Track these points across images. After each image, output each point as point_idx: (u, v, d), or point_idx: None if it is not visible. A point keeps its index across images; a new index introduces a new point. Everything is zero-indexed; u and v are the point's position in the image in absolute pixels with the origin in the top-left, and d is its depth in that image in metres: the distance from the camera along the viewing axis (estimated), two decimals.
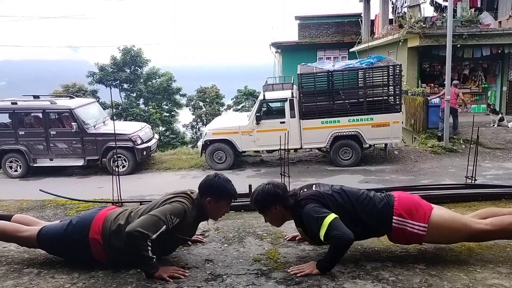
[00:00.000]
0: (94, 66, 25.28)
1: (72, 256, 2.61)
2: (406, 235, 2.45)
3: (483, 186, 4.38)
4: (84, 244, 2.49)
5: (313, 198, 2.49)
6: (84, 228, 2.53)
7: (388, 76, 10.53)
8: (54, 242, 2.58)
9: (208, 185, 2.56)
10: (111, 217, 2.56)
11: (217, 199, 2.56)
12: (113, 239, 2.47)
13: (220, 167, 10.70)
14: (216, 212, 2.62)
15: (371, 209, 2.47)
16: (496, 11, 15.36)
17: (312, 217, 2.38)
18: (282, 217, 2.61)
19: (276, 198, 2.53)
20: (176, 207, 2.45)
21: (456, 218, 2.47)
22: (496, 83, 15.27)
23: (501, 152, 10.58)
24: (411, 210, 2.44)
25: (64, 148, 11.02)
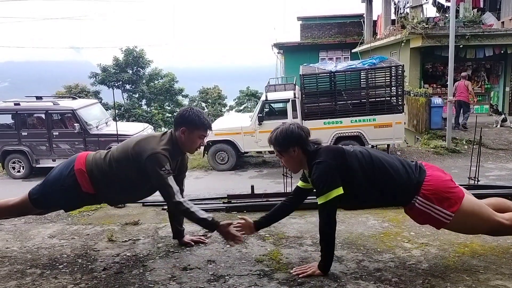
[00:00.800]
0: (97, 67, 25.32)
1: (63, 195, 2.69)
2: (427, 219, 2.35)
3: (486, 187, 4.37)
4: (70, 178, 2.65)
5: (332, 154, 2.37)
6: (68, 165, 2.72)
7: (390, 76, 10.52)
8: (45, 189, 2.74)
9: (180, 116, 2.64)
10: (93, 153, 2.79)
11: (191, 129, 2.61)
12: (94, 168, 2.65)
13: (223, 167, 10.71)
14: (190, 143, 2.66)
15: (394, 178, 2.33)
16: (499, 11, 15.31)
17: (321, 181, 2.29)
18: (299, 161, 2.46)
19: (298, 140, 2.40)
20: (158, 158, 2.52)
21: (484, 210, 2.34)
22: (499, 83, 15.23)
23: (504, 153, 10.54)
24: (442, 196, 2.29)
25: (66, 149, 11.04)
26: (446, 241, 2.82)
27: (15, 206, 2.78)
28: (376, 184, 2.35)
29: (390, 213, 3.41)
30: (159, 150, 2.53)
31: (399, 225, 3.18)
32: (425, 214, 2.33)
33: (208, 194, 6.36)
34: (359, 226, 3.21)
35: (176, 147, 2.64)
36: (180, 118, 2.63)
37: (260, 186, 8.22)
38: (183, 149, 2.69)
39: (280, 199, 4.02)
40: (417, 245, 2.78)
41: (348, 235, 3.01)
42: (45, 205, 2.81)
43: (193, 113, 2.62)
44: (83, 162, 2.69)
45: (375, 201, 2.50)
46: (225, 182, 9.51)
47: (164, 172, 2.50)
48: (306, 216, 3.49)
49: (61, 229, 3.39)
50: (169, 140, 2.62)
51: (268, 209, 3.82)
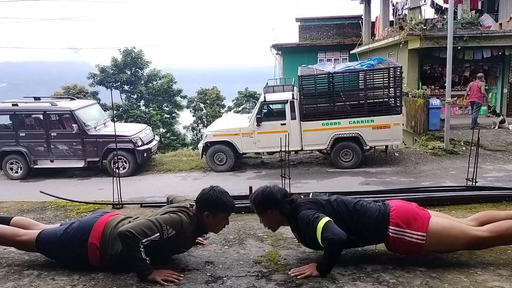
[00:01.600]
0: (95, 67, 25.32)
1: (68, 259, 2.59)
2: (405, 245, 2.44)
3: (483, 188, 4.38)
4: (82, 248, 2.50)
5: (309, 203, 2.54)
6: (84, 232, 2.53)
7: (388, 78, 10.54)
8: (53, 246, 2.58)
9: (204, 200, 2.54)
10: (112, 224, 2.56)
11: (215, 213, 2.53)
12: (110, 245, 2.47)
13: (221, 168, 10.70)
14: (215, 225, 2.60)
15: (367, 218, 2.47)
16: (496, 13, 15.37)
17: (307, 220, 2.41)
18: (278, 221, 2.64)
19: (273, 202, 2.55)
20: (173, 219, 2.44)
21: (455, 226, 2.46)
22: (497, 85, 15.27)
23: (502, 154, 10.56)
24: (409, 219, 2.43)
25: (64, 150, 11.02)
26: None
27: (21, 243, 2.67)
28: (355, 228, 2.46)
29: None
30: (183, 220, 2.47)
31: None
32: (401, 240, 2.43)
33: None
34: None
35: (200, 227, 2.59)
36: (203, 202, 2.53)
37: None
38: (208, 230, 2.66)
39: None
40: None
41: None
42: (48, 256, 2.71)
43: (216, 196, 2.53)
44: (99, 237, 2.51)
45: (355, 244, 2.59)
46: (223, 183, 9.40)
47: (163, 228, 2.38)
48: None
49: None
50: (193, 220, 2.55)
51: None
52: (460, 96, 15.37)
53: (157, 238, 2.36)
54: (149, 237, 2.33)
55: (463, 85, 15.41)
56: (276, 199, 2.55)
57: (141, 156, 10.92)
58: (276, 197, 2.55)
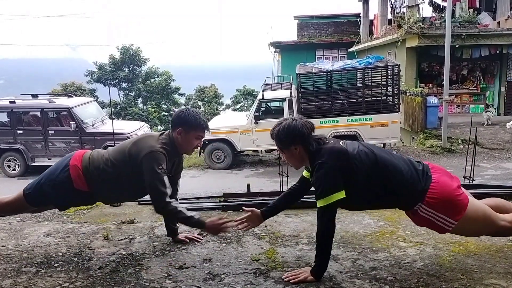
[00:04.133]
0: (93, 65, 25.26)
1: (57, 194, 2.68)
2: (430, 225, 2.30)
3: (481, 186, 4.39)
4: (64, 173, 2.65)
5: (336, 155, 2.24)
6: (64, 159, 2.74)
7: (386, 76, 10.55)
8: (39, 188, 2.71)
9: (177, 116, 2.64)
10: (90, 151, 2.79)
11: (187, 130, 2.61)
12: (90, 166, 2.64)
13: (219, 166, 10.70)
14: (186, 144, 2.66)
15: (398, 184, 2.24)
16: (494, 11, 15.39)
17: (322, 182, 2.20)
18: (301, 159, 2.37)
19: (300, 138, 2.30)
20: (155, 155, 2.52)
21: (487, 216, 2.28)
22: (495, 83, 15.32)
23: (499, 152, 10.60)
24: (445, 205, 2.21)
25: (62, 147, 11.00)
26: (441, 240, 2.83)
27: (9, 204, 2.77)
28: (380, 188, 2.26)
29: (386, 212, 3.42)
30: (158, 148, 2.53)
31: (395, 224, 3.19)
32: (428, 221, 2.28)
33: (204, 193, 6.35)
34: (355, 225, 3.22)
35: (174, 147, 2.64)
36: (177, 118, 2.63)
37: (256, 185, 8.22)
38: (180, 150, 2.69)
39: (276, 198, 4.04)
40: (412, 244, 2.79)
41: (344, 233, 3.01)
42: (38, 202, 2.78)
43: (189, 113, 2.62)
44: (79, 159, 2.69)
45: (377, 205, 2.45)
46: (221, 181, 9.51)
47: (160, 170, 2.49)
48: (302, 215, 3.50)
49: (56, 228, 3.39)
50: (167, 140, 2.62)
51: None
52: (458, 94, 15.42)
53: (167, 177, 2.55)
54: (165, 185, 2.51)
55: (461, 84, 15.47)
56: (302, 134, 2.29)
57: None
58: (302, 132, 2.29)
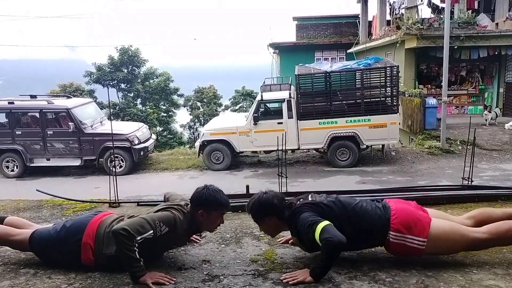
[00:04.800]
0: (92, 66, 25.26)
1: (61, 259, 2.56)
2: (405, 249, 2.41)
3: (479, 187, 4.39)
4: (75, 248, 2.47)
5: (308, 206, 2.47)
6: (78, 232, 2.50)
7: (385, 77, 10.56)
8: (46, 245, 2.55)
9: (197, 198, 2.52)
10: (106, 222, 2.53)
11: (209, 211, 2.51)
12: (105, 245, 2.45)
13: (218, 167, 10.70)
14: (209, 224, 2.58)
15: (367, 222, 2.43)
16: (493, 12, 15.42)
17: (307, 224, 2.34)
18: (276, 228, 2.58)
19: (271, 210, 2.49)
20: (166, 216, 2.44)
21: (455, 229, 2.43)
22: (493, 84, 15.34)
23: (498, 154, 10.62)
24: (409, 224, 2.39)
25: (61, 148, 11.00)
26: None
27: (14, 242, 2.64)
28: (353, 229, 2.41)
29: None
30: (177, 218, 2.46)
31: None
32: (401, 245, 2.40)
33: None
34: None
35: (194, 225, 2.57)
36: (197, 200, 2.51)
37: (255, 186, 8.20)
38: (202, 228, 2.64)
39: None
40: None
41: None
42: (41, 256, 2.67)
43: (210, 194, 2.50)
44: (93, 236, 2.48)
45: (355, 246, 2.56)
46: (220, 182, 9.50)
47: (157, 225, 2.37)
48: None
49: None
50: (190, 217, 2.54)
51: None
52: (457, 95, 15.44)
53: (151, 236, 2.34)
54: (143, 234, 2.31)
55: (460, 85, 15.49)
56: (273, 206, 2.48)
57: (137, 155, 10.91)
58: (273, 204, 2.48)
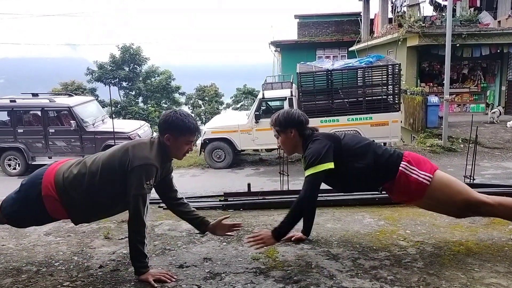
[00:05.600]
0: (93, 64, 25.26)
1: (32, 220, 2.52)
2: (409, 184, 2.49)
3: (481, 186, 4.38)
4: (39, 204, 2.36)
5: (327, 136, 2.63)
6: (34, 185, 2.39)
7: (387, 75, 10.56)
8: (13, 210, 2.45)
9: (164, 121, 2.39)
10: (63, 169, 2.42)
11: (175, 136, 2.38)
12: (69, 190, 2.34)
13: (219, 165, 10.71)
14: (177, 150, 2.44)
15: (382, 154, 2.57)
16: (495, 10, 15.37)
17: (314, 153, 2.49)
18: (294, 143, 2.69)
19: (297, 122, 2.64)
20: (147, 169, 2.30)
21: (460, 182, 2.58)
22: (495, 82, 15.30)
23: (500, 152, 10.59)
24: (419, 161, 2.55)
25: (62, 146, 11.02)
26: (441, 239, 2.83)
27: None
28: (371, 158, 2.55)
29: (386, 211, 3.43)
30: (152, 161, 2.31)
31: (395, 223, 3.19)
32: (408, 177, 2.49)
33: (204, 192, 6.35)
34: (355, 224, 3.22)
35: (165, 154, 2.44)
36: (164, 124, 2.39)
37: (256, 184, 8.22)
38: (170, 155, 2.48)
39: (276, 197, 4.05)
40: (412, 243, 2.79)
41: (344, 233, 3.01)
42: (14, 223, 2.60)
43: (176, 117, 2.38)
44: (52, 186, 2.34)
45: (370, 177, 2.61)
46: (221, 180, 9.52)
47: (147, 186, 2.30)
48: None
49: (57, 227, 3.38)
50: (158, 147, 2.40)
51: (265, 208, 3.85)
52: (459, 93, 15.41)
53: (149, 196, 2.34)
54: (145, 204, 2.29)
55: (462, 83, 15.46)
56: (299, 120, 2.64)
57: None
58: (300, 119, 2.65)
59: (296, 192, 4.06)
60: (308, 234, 2.91)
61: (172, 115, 2.40)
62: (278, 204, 3.86)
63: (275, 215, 3.53)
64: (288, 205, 3.82)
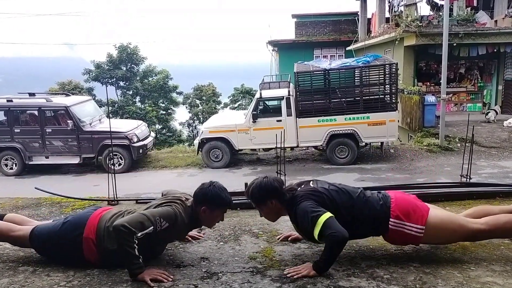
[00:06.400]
0: (90, 63, 25.20)
1: (63, 255, 2.57)
2: (403, 237, 2.45)
3: (477, 185, 4.40)
4: (77, 243, 2.47)
5: (310, 194, 2.46)
6: (78, 227, 2.51)
7: (384, 74, 10.57)
8: (47, 241, 2.56)
9: (203, 194, 2.51)
10: (106, 217, 2.54)
11: (212, 208, 2.51)
12: (106, 239, 2.44)
13: (217, 165, 10.70)
14: (211, 220, 2.60)
15: (369, 210, 2.45)
16: (492, 10, 15.39)
17: (307, 215, 2.34)
18: (277, 212, 2.58)
19: (273, 193, 2.50)
20: (167, 211, 2.43)
21: (453, 219, 2.47)
22: (492, 82, 15.34)
23: (496, 151, 10.63)
24: (409, 212, 2.42)
25: (59, 146, 10.99)
26: None
27: (15, 238, 2.64)
28: (354, 218, 2.44)
29: None
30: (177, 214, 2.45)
31: None
32: (400, 233, 2.43)
33: None
34: None
35: (194, 220, 2.57)
36: (202, 196, 2.51)
37: None
38: (203, 224, 2.65)
39: None
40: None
41: None
42: (42, 253, 2.68)
43: (215, 192, 2.51)
44: (94, 230, 2.48)
45: (359, 234, 2.57)
46: (219, 180, 9.32)
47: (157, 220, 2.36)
48: None
49: None
50: (190, 213, 2.54)
51: None
52: (456, 93, 15.46)
53: (151, 231, 2.34)
54: (144, 230, 2.32)
55: (459, 82, 15.50)
56: (274, 189, 2.50)
57: (136, 153, 10.90)
58: (274, 186, 2.51)
59: None
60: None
61: (212, 188, 2.53)
62: None
63: None
64: None
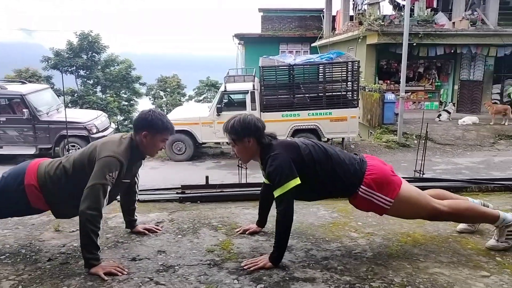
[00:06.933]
0: (49, 51, 24.22)
1: (12, 209, 2.56)
2: (369, 205, 2.48)
3: (429, 180, 4.59)
4: (20, 191, 2.46)
5: (288, 148, 2.44)
6: (18, 176, 2.51)
7: (346, 71, 10.78)
8: None
9: (142, 119, 2.51)
10: (45, 163, 2.57)
11: (153, 133, 2.51)
12: (49, 184, 2.46)
13: (180, 158, 10.60)
14: (152, 147, 2.57)
15: (344, 172, 2.45)
16: (450, 12, 15.99)
17: (278, 170, 2.33)
18: (252, 152, 2.53)
19: (254, 131, 2.45)
20: (110, 162, 2.38)
21: (422, 196, 2.51)
22: (449, 81, 15.97)
23: (451, 148, 11.09)
24: (382, 183, 2.44)
25: (15, 136, 10.54)
26: (390, 231, 2.94)
27: None
28: (329, 176, 2.45)
29: (340, 203, 3.51)
30: (117, 155, 2.40)
31: (348, 215, 3.29)
32: (367, 201, 2.46)
33: (164, 185, 6.28)
34: (310, 216, 3.29)
35: (136, 151, 2.54)
36: (142, 121, 2.51)
37: (217, 177, 8.22)
38: (144, 153, 2.61)
39: (234, 190, 4.07)
40: (363, 234, 2.89)
41: (299, 225, 3.07)
42: None
43: (155, 116, 2.51)
44: (35, 176, 2.48)
45: (327, 193, 2.62)
46: (181, 173, 9.44)
47: (108, 178, 2.35)
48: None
49: (4, 219, 3.25)
50: (129, 144, 2.51)
51: (222, 200, 3.86)
52: (414, 91, 15.98)
53: (110, 189, 2.38)
54: (106, 195, 2.35)
55: (417, 81, 16.03)
56: (257, 128, 2.46)
57: None
58: (258, 126, 2.46)
59: (254, 185, 4.11)
60: (263, 226, 2.94)
61: (152, 114, 2.53)
62: (235, 197, 3.89)
63: (232, 208, 3.55)
64: (246, 198, 3.87)
